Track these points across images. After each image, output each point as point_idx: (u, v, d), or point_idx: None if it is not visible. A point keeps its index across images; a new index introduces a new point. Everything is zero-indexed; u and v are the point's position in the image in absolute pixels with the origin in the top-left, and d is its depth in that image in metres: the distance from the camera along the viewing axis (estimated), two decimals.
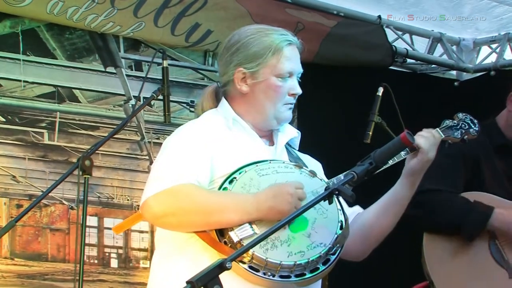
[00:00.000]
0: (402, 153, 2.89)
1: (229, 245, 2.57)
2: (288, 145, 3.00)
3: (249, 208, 2.59)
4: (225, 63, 2.91)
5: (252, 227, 2.58)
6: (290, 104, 2.90)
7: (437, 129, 3.05)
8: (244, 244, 2.51)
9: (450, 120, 3.14)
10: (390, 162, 2.90)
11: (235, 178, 2.66)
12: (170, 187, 2.60)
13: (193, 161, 2.68)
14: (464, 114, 3.18)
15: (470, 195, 4.15)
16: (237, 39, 2.91)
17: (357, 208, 2.99)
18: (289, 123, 3.02)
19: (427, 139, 2.89)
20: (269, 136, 2.96)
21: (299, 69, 2.93)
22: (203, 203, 2.62)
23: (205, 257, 2.61)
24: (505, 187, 4.24)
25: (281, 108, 2.87)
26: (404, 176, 2.92)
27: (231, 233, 2.57)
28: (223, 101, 2.92)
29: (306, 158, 3.04)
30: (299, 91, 2.91)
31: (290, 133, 2.99)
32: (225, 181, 2.67)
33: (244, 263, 2.55)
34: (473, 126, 3.16)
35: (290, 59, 2.88)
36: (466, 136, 3.14)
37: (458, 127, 3.13)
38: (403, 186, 2.92)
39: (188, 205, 2.60)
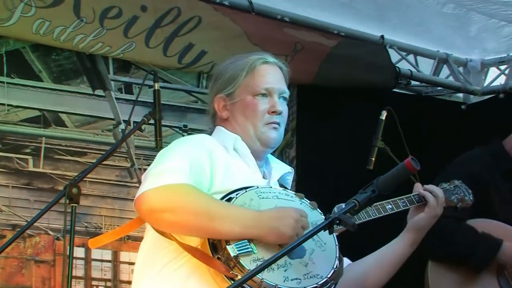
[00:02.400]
0: (408, 203, 2.96)
1: (222, 260, 2.59)
2: (280, 186, 3.02)
3: (250, 222, 2.62)
4: (208, 95, 3.03)
5: (250, 245, 2.61)
6: (273, 123, 2.93)
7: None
8: (241, 261, 2.55)
9: (447, 184, 3.26)
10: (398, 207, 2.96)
11: (232, 198, 2.69)
12: (173, 183, 2.62)
13: (195, 166, 2.71)
14: (460, 181, 3.28)
15: (478, 222, 4.18)
16: (216, 70, 3.05)
17: (347, 261, 3.01)
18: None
19: (437, 194, 2.94)
20: (262, 169, 2.99)
21: (279, 88, 2.96)
22: (205, 206, 2.64)
23: (192, 279, 2.64)
24: None
25: (262, 128, 2.91)
26: (408, 232, 2.98)
27: (229, 247, 2.58)
28: (218, 128, 2.98)
29: None
30: (278, 108, 2.92)
31: (283, 169, 3.04)
32: (222, 198, 2.70)
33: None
34: (467, 195, 3.27)
35: (265, 76, 2.94)
36: (460, 204, 3.23)
37: (455, 192, 3.25)
38: (405, 242, 2.98)
39: (189, 205, 2.62)
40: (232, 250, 2.58)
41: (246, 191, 2.72)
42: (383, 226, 3.11)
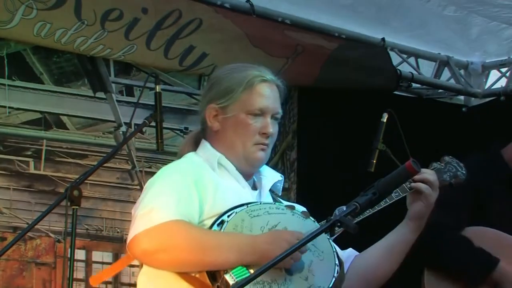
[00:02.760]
0: (400, 193, 2.94)
1: None
2: (272, 192, 3.01)
3: (244, 248, 2.61)
4: (201, 101, 2.98)
5: (248, 271, 2.59)
6: (262, 144, 2.89)
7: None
8: None
9: (438, 163, 3.23)
10: (394, 197, 2.94)
11: (224, 221, 2.67)
12: (162, 222, 2.60)
13: (183, 199, 2.69)
14: (450, 157, 3.25)
15: (475, 231, 4.18)
16: (214, 75, 3.01)
17: (352, 251, 3.01)
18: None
19: (429, 180, 2.92)
20: (251, 179, 2.96)
21: (274, 108, 2.92)
22: (197, 241, 2.62)
23: None
24: None
25: (251, 148, 2.87)
26: (410, 220, 2.96)
27: (227, 276, 2.57)
28: (204, 143, 2.95)
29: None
30: (270, 130, 2.89)
31: (274, 177, 3.00)
32: (213, 223, 2.68)
33: None
34: (460, 170, 3.24)
35: (262, 96, 2.89)
36: (454, 180, 3.20)
37: (446, 170, 3.21)
38: (409, 229, 2.96)
39: (181, 242, 2.61)
40: (230, 278, 2.56)
41: (236, 213, 2.69)
42: (374, 222, 3.09)
